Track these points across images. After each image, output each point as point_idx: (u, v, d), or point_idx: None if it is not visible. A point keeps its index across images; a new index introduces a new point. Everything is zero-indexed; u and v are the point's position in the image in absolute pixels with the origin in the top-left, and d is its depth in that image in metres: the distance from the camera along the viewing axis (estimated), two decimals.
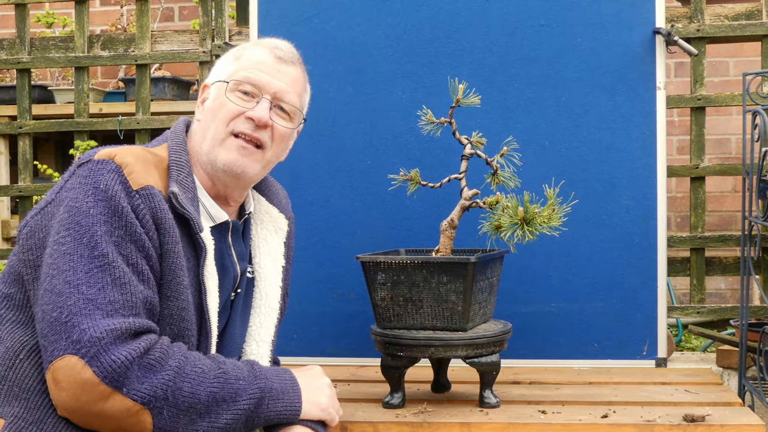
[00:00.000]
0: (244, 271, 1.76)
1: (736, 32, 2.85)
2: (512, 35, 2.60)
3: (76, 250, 1.45)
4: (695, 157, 2.88)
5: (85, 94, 3.24)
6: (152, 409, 1.41)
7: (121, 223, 1.48)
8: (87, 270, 1.44)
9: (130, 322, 1.42)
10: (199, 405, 1.45)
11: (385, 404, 2.04)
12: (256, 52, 1.72)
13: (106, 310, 1.41)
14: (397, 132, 2.62)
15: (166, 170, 1.61)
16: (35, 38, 3.30)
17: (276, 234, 1.84)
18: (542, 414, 1.96)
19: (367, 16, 2.65)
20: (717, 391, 2.18)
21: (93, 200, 1.48)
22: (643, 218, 2.54)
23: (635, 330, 2.54)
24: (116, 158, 1.52)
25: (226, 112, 1.67)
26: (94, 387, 1.38)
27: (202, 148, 1.68)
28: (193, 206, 1.60)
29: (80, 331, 1.39)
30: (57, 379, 1.40)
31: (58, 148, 4.24)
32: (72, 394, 1.39)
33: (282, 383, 1.59)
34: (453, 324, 1.99)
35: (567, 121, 2.58)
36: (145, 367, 1.41)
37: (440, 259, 1.98)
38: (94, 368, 1.38)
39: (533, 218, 1.93)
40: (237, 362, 1.57)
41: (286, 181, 2.67)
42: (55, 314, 1.41)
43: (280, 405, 1.56)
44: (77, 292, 1.42)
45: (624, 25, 2.56)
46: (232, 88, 1.68)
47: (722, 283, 4.06)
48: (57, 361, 1.39)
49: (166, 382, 1.42)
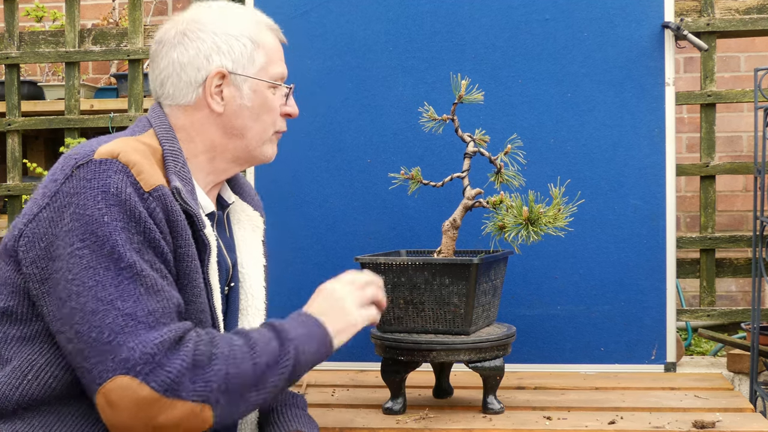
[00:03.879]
0: (235, 264, 1.75)
1: (747, 26, 2.85)
2: (516, 29, 2.60)
3: (99, 263, 1.42)
4: (705, 155, 2.88)
5: (76, 90, 3.24)
6: (211, 402, 1.43)
7: (139, 229, 1.45)
8: (116, 283, 1.41)
9: (174, 330, 1.43)
10: (248, 381, 1.47)
11: (385, 410, 2.04)
12: (270, 39, 1.72)
13: (147, 323, 1.41)
14: (398, 129, 2.62)
15: (161, 161, 1.58)
16: (24, 32, 3.30)
17: (254, 233, 1.83)
18: (547, 420, 1.96)
19: (367, 9, 2.65)
20: (728, 396, 2.18)
21: (105, 206, 1.43)
22: (652, 218, 2.54)
23: (643, 333, 2.54)
24: (120, 157, 1.47)
25: (274, 114, 1.72)
26: (155, 402, 1.39)
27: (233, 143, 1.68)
28: (193, 200, 1.58)
29: (128, 349, 1.38)
30: (112, 401, 1.39)
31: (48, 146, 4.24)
32: (132, 413, 1.39)
33: (307, 327, 1.59)
34: (455, 327, 1.99)
35: (573, 117, 2.58)
36: (197, 366, 1.42)
37: (442, 261, 1.98)
38: (152, 384, 1.38)
39: (538, 218, 1.93)
40: (258, 328, 1.58)
41: (284, 180, 2.68)
42: (94, 335, 1.39)
43: (314, 346, 1.57)
44: (113, 309, 1.40)
45: (632, 19, 2.56)
46: (270, 86, 1.70)
47: (733, 285, 4.05)
48: (108, 383, 1.38)
49: (216, 372, 1.43)
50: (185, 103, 1.67)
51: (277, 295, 1.97)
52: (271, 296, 1.85)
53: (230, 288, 1.74)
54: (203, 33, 1.67)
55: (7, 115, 3.29)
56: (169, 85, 1.68)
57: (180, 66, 1.67)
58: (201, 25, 1.69)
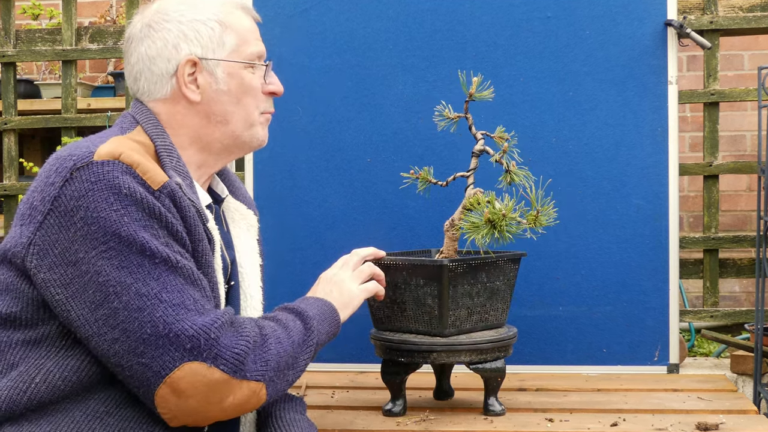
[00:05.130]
0: (234, 261, 1.74)
1: (751, 24, 2.85)
2: (517, 28, 2.60)
3: (132, 262, 1.42)
4: (708, 155, 2.88)
5: (73, 89, 3.24)
6: (267, 381, 1.49)
7: (160, 224, 1.46)
8: (156, 276, 1.42)
9: (223, 314, 1.47)
10: (289, 360, 1.55)
11: (385, 412, 2.04)
12: (241, 19, 1.70)
13: (197, 310, 1.44)
14: (398, 128, 2.62)
15: (155, 157, 1.56)
16: (21, 30, 3.30)
17: (248, 231, 1.83)
18: (549, 422, 1.96)
19: (367, 7, 2.65)
20: (731, 398, 2.18)
21: (120, 206, 1.42)
22: (654, 218, 2.54)
23: (646, 335, 2.54)
24: (123, 158, 1.46)
25: (256, 95, 1.70)
26: (225, 384, 1.43)
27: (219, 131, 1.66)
28: (194, 195, 1.58)
29: (188, 337, 1.40)
30: (181, 389, 1.41)
31: (44, 145, 4.25)
32: (202, 399, 1.43)
33: (318, 307, 1.72)
34: (432, 328, 1.97)
35: (574, 116, 2.58)
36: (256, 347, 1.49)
37: (416, 261, 1.98)
38: (221, 367, 1.42)
39: (498, 220, 1.90)
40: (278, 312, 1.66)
41: (282, 180, 2.68)
42: (148, 330, 1.40)
43: (326, 326, 1.71)
44: (160, 302, 1.41)
45: (634, 17, 2.56)
46: (245, 66, 1.68)
47: (736, 285, 4.06)
48: (176, 372, 1.40)
49: (270, 352, 1.50)
50: (162, 96, 1.65)
51: (277, 295, 1.97)
52: (270, 297, 1.85)
53: (230, 287, 1.73)
54: (168, 23, 1.65)
55: (3, 114, 3.29)
56: (142, 80, 1.66)
57: (149, 59, 1.65)
58: (165, 15, 1.66)
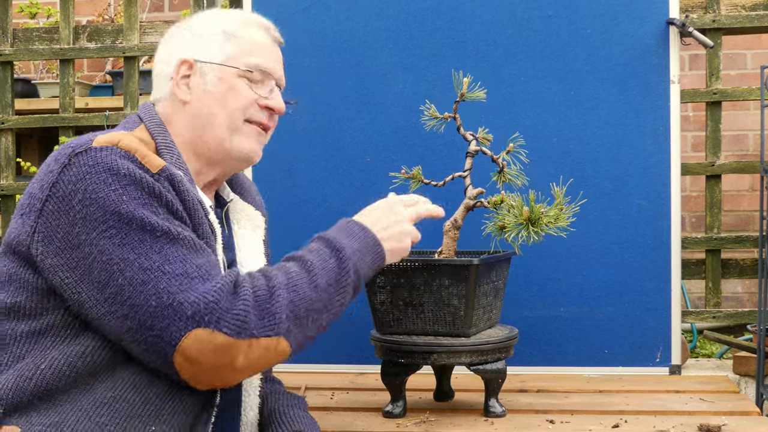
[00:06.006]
0: (232, 263, 1.75)
1: (753, 23, 2.85)
2: (518, 26, 2.60)
3: (133, 238, 1.44)
4: (711, 154, 2.88)
5: (71, 88, 3.24)
6: (283, 333, 1.48)
7: (160, 203, 1.48)
8: (158, 250, 1.45)
9: (227, 276, 1.47)
10: (314, 304, 1.53)
11: (385, 413, 2.04)
12: (255, 34, 1.72)
13: (201, 276, 1.45)
14: (398, 128, 2.62)
15: (156, 153, 1.60)
16: (18, 29, 3.30)
17: (254, 232, 1.84)
18: (550, 424, 1.96)
19: (367, 6, 2.65)
20: (734, 399, 2.18)
21: (119, 186, 1.45)
22: (656, 218, 2.54)
23: (648, 335, 2.54)
24: (121, 144, 1.50)
25: (242, 99, 1.69)
26: (231, 346, 1.44)
27: (206, 134, 1.68)
28: (194, 189, 1.60)
29: (190, 304, 1.42)
30: (191, 356, 1.43)
31: (42, 145, 4.24)
32: (213, 363, 1.44)
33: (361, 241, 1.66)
34: (455, 329, 1.99)
35: (576, 116, 2.58)
36: (258, 303, 1.47)
37: (441, 261, 1.98)
38: (224, 330, 1.43)
39: (539, 218, 1.93)
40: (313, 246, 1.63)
41: (282, 180, 2.68)
42: (153, 302, 1.42)
43: (369, 259, 1.65)
44: (163, 274, 1.44)
45: (636, 16, 2.56)
46: (242, 74, 1.69)
47: (739, 286, 4.06)
48: (183, 341, 1.42)
49: (281, 303, 1.48)
50: (162, 97, 1.72)
51: None
52: None
53: None
54: (185, 30, 1.73)
55: (0, 113, 3.29)
56: (154, 83, 1.74)
57: (158, 63, 1.74)
58: (187, 25, 1.75)
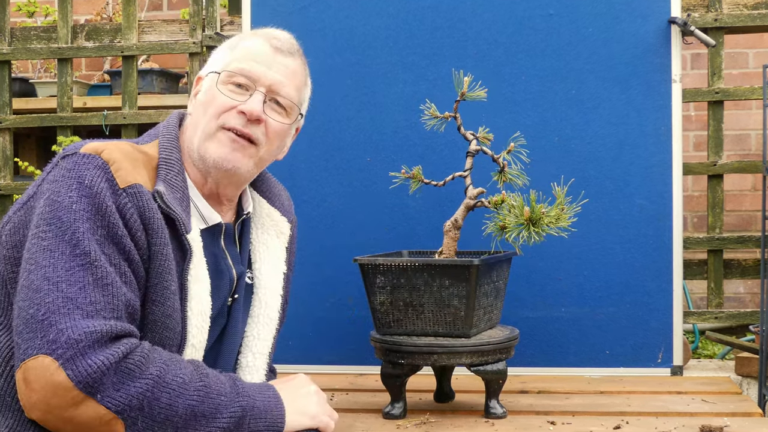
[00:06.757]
0: (241, 275, 1.75)
1: (755, 22, 2.85)
2: (519, 25, 2.60)
3: (57, 247, 1.44)
4: (713, 154, 2.87)
5: (69, 87, 3.24)
6: (126, 419, 1.39)
7: (104, 223, 1.48)
8: (68, 267, 1.43)
9: (111, 325, 1.41)
10: (176, 418, 1.44)
11: (385, 415, 2.04)
12: (252, 42, 1.72)
13: (86, 311, 1.41)
14: (398, 127, 2.62)
15: (155, 169, 1.60)
16: (16, 28, 3.30)
17: (278, 239, 1.84)
18: (551, 425, 1.96)
19: (367, 4, 2.65)
20: (736, 400, 2.18)
21: (76, 195, 1.47)
22: (658, 218, 2.54)
23: (649, 336, 2.54)
24: (103, 154, 1.51)
25: (217, 105, 1.66)
26: (67, 391, 1.37)
27: (193, 143, 1.68)
28: (181, 206, 1.59)
29: (57, 330, 1.38)
30: (28, 379, 1.39)
31: (40, 145, 4.24)
32: (43, 397, 1.38)
33: (265, 401, 1.57)
34: (456, 330, 1.99)
35: (577, 115, 2.58)
36: (123, 373, 1.40)
37: (442, 262, 1.98)
38: (68, 371, 1.36)
39: (540, 218, 1.92)
40: (220, 376, 1.54)
41: (281, 179, 2.67)
42: (31, 311, 1.40)
43: (262, 424, 1.55)
44: (56, 290, 1.41)
45: (637, 14, 2.56)
46: (224, 80, 1.67)
47: (741, 286, 4.05)
48: (30, 361, 1.38)
49: (143, 391, 1.41)
50: None
51: None
52: None
53: (234, 300, 1.74)
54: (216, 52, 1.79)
55: None
56: None
57: None
58: None
